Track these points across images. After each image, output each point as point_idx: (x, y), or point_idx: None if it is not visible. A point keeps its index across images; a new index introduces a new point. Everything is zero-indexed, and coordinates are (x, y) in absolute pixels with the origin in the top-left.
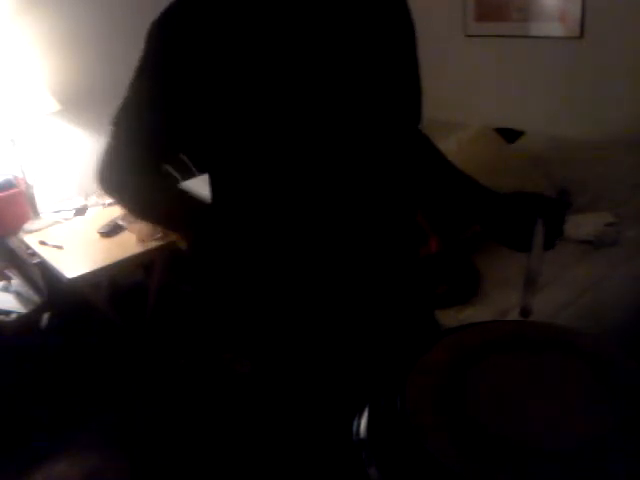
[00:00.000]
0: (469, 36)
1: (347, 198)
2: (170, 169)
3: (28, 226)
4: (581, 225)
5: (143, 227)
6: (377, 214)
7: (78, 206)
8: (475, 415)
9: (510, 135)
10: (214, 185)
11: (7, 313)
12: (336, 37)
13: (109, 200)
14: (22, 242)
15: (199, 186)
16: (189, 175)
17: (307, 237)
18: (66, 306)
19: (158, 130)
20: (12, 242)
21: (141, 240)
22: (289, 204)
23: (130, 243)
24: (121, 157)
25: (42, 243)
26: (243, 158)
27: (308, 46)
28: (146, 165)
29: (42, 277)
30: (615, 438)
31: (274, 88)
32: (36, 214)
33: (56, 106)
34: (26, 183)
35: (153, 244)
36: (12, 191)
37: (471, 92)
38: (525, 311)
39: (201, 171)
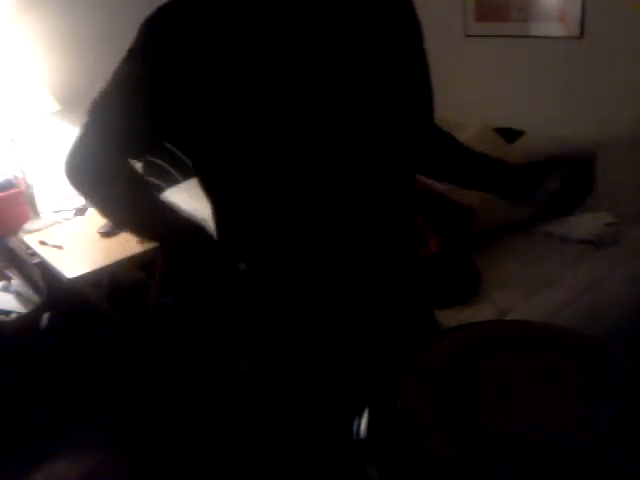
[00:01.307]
0: (469, 36)
1: (350, 199)
2: (152, 178)
3: (28, 226)
4: (581, 225)
5: None
6: (379, 214)
7: (78, 206)
8: (475, 415)
9: (510, 135)
10: (211, 186)
11: (7, 313)
12: (339, 35)
13: None
14: (22, 242)
15: (180, 194)
16: (171, 182)
17: (308, 237)
18: (66, 306)
19: (137, 125)
20: (12, 242)
21: (141, 240)
22: (291, 204)
23: (130, 243)
24: (93, 151)
25: (42, 243)
26: (243, 158)
27: (310, 46)
28: (119, 161)
29: (42, 277)
30: (615, 438)
31: (277, 89)
32: (36, 214)
33: (56, 106)
34: (26, 183)
35: (153, 244)
36: (12, 191)
37: (471, 92)
38: None
39: (197, 172)
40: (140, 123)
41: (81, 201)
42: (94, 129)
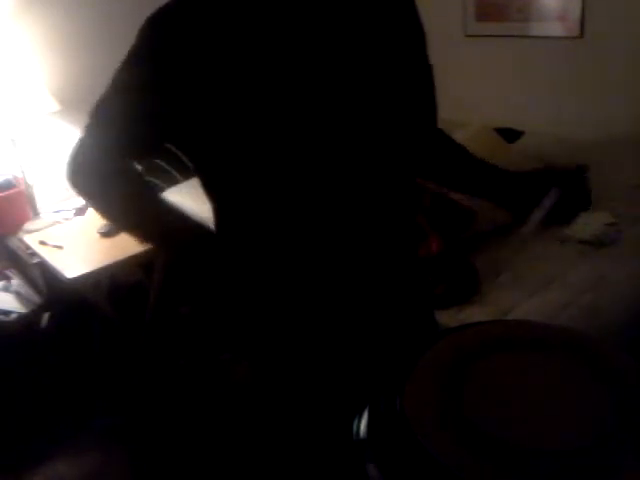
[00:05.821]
0: (469, 36)
1: (351, 200)
2: (152, 178)
3: (28, 226)
4: (581, 225)
5: None
6: (380, 215)
7: (78, 206)
8: (475, 415)
9: (510, 135)
10: (212, 186)
11: (7, 313)
12: (341, 37)
13: None
14: (22, 242)
15: (180, 194)
16: (171, 182)
17: (309, 237)
18: (66, 306)
19: (138, 127)
20: (12, 242)
21: (141, 243)
22: (291, 204)
23: (130, 243)
24: (94, 153)
25: (42, 243)
26: (245, 158)
27: (312, 47)
28: (119, 164)
29: (42, 277)
30: (615, 438)
31: (279, 90)
32: (36, 214)
33: (56, 106)
34: (26, 183)
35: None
36: (12, 191)
37: (471, 92)
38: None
39: (198, 172)
40: (141, 125)
41: (81, 201)
42: (95, 131)
